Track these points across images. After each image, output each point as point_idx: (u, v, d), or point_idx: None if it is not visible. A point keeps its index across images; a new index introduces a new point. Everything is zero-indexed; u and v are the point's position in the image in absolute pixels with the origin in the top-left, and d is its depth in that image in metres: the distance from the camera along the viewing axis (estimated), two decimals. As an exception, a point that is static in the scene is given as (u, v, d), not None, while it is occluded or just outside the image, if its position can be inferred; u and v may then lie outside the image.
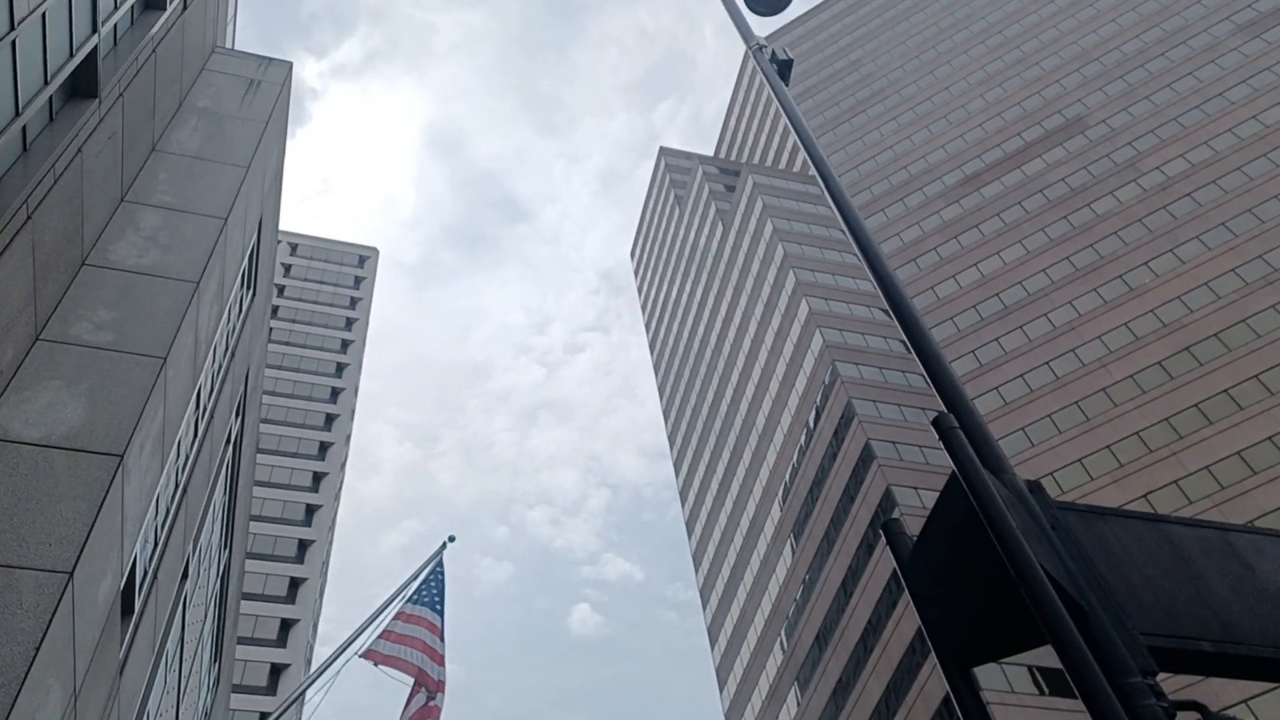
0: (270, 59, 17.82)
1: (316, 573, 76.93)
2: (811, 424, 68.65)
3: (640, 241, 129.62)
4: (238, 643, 68.44)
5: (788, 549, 70.00)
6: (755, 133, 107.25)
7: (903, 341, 69.44)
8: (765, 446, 76.20)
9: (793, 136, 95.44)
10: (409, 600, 13.42)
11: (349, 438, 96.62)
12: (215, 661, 20.88)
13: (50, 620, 8.07)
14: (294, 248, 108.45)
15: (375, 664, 12.79)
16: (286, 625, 74.08)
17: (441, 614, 13.14)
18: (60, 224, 10.70)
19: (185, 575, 15.10)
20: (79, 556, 8.61)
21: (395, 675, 12.00)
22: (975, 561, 4.94)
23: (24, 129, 10.03)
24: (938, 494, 5.44)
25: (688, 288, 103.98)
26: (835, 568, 62.51)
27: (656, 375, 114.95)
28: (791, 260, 76.13)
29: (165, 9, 13.91)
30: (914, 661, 53.02)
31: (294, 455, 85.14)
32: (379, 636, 13.01)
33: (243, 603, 71.14)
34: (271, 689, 69.64)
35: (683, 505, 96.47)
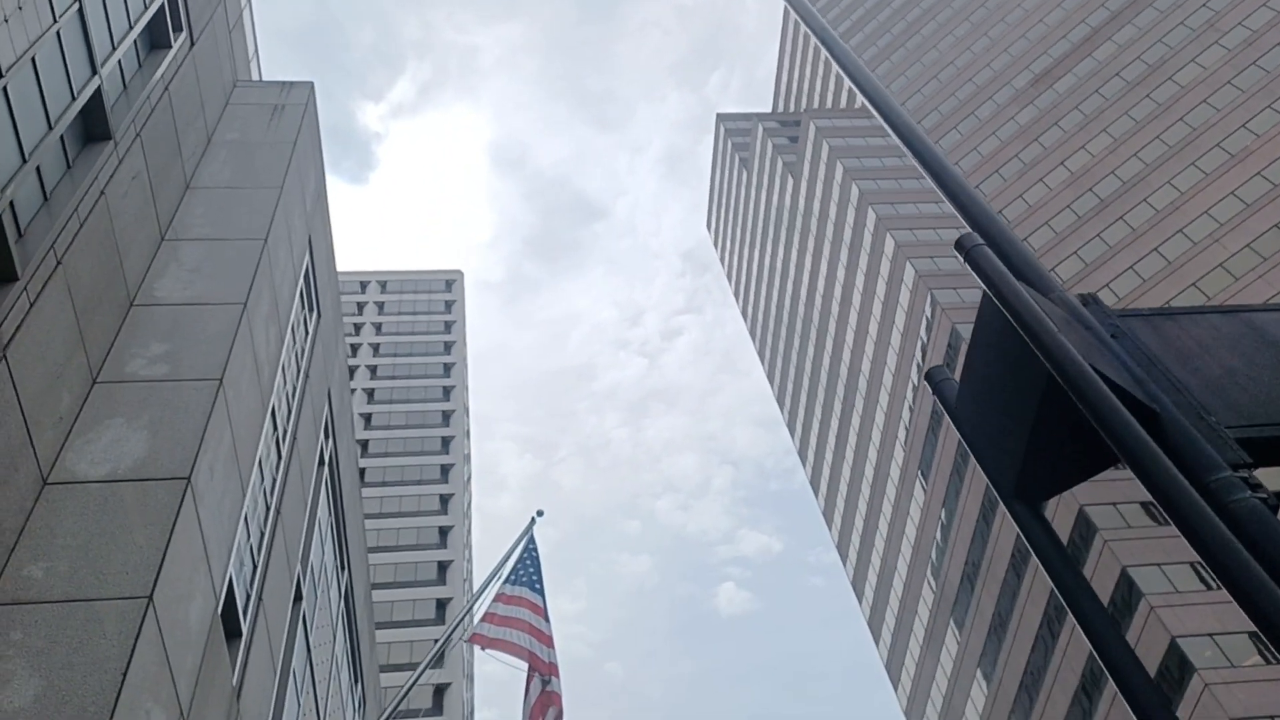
0: (292, 83, 17.88)
1: (459, 591, 78.46)
2: (919, 357, 66.92)
3: (714, 213, 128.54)
4: (396, 669, 70.28)
5: (918, 489, 68.44)
6: (810, 79, 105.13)
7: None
8: (875, 389, 74.67)
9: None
10: (506, 581, 13.24)
11: (468, 456, 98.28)
12: (357, 683, 21.19)
13: (134, 645, 8.06)
14: (383, 285, 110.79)
15: (483, 648, 12.64)
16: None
17: (542, 593, 12.94)
18: (95, 267, 10.78)
19: (299, 597, 15.24)
20: (156, 580, 8.60)
21: (505, 659, 11.83)
22: (1026, 385, 4.37)
23: (40, 176, 10.10)
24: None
25: (769, 249, 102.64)
26: (970, 499, 60.81)
27: (755, 344, 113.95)
28: (868, 198, 74.30)
29: (171, 47, 13.98)
30: (1068, 579, 51.19)
31: (418, 483, 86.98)
32: (482, 619, 12.87)
33: (396, 630, 73.11)
34: (437, 708, 71.48)
35: (804, 465, 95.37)
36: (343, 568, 19.66)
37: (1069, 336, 4.20)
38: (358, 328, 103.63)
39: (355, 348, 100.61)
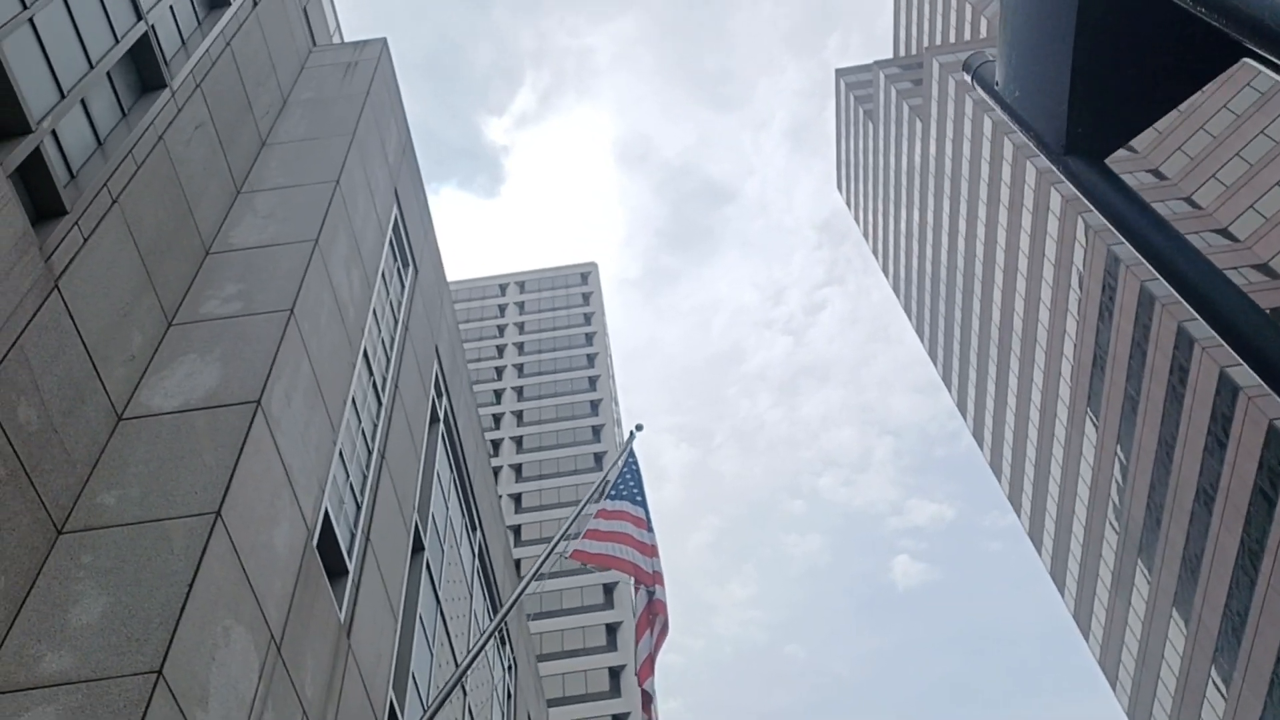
0: (365, 41, 17.78)
1: (626, 577, 78.89)
2: (1076, 287, 63.21)
3: (844, 175, 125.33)
4: (561, 656, 71.15)
5: (1088, 427, 64.69)
6: (929, 17, 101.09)
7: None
8: (1032, 328, 71.01)
9: (968, 2, 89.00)
10: (606, 496, 12.67)
11: (620, 444, 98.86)
12: (504, 644, 21.05)
13: (200, 558, 7.78)
14: (521, 286, 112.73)
15: (584, 564, 12.07)
16: (612, 629, 76.35)
17: (644, 505, 12.32)
18: (159, 210, 10.69)
19: (420, 547, 15.05)
20: (224, 497, 8.33)
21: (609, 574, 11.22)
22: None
23: (91, 121, 10.05)
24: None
25: (904, 202, 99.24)
26: (1146, 431, 57.00)
27: (902, 302, 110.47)
28: (1003, 128, 70.67)
29: (230, 5, 13.94)
30: (1264, 504, 47.22)
31: (574, 473, 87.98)
32: (584, 536, 12.33)
33: (559, 618, 74.00)
34: (614, 691, 72.00)
35: (965, 418, 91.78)
36: (474, 528, 19.50)
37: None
38: (501, 329, 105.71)
39: (501, 349, 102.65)
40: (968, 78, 4.19)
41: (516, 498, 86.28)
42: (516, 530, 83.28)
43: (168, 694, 6.99)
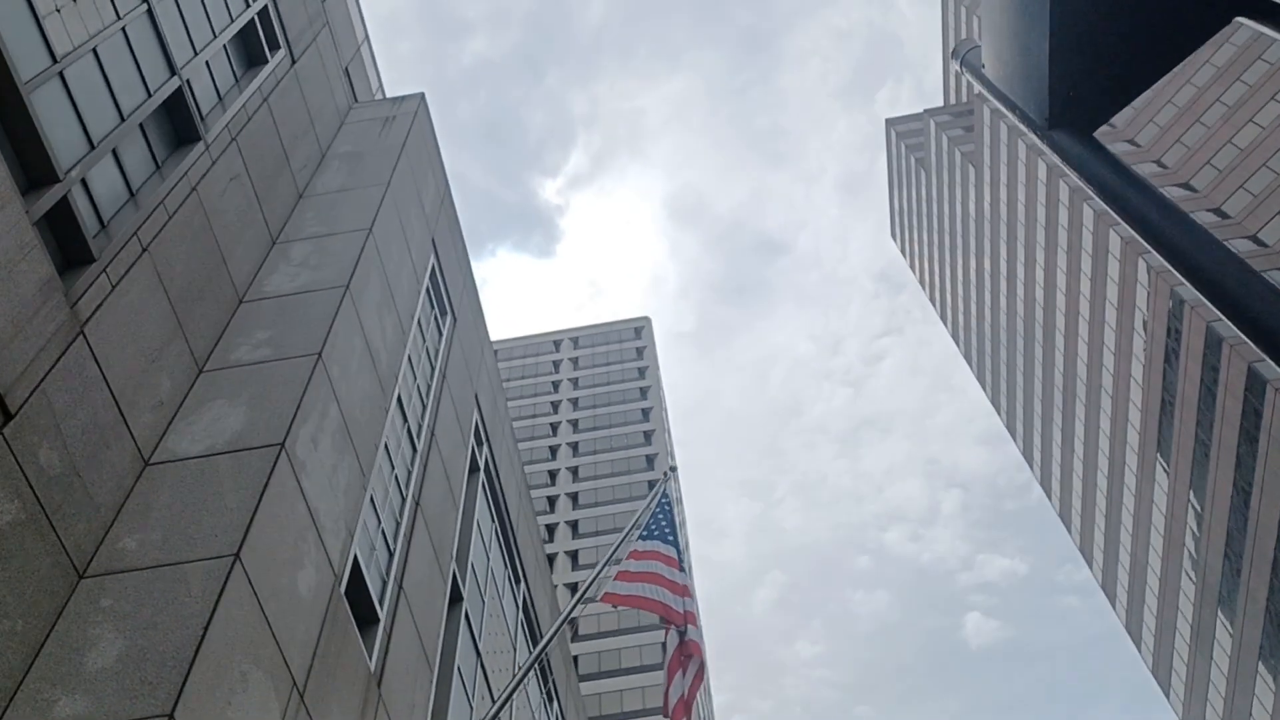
0: (403, 96, 18.06)
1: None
2: (1140, 330, 61.73)
3: (898, 225, 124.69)
4: (627, 717, 69.98)
5: (1159, 472, 62.69)
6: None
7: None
8: (1096, 372, 69.39)
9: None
10: (639, 537, 12.37)
11: (678, 499, 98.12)
12: (551, 700, 20.67)
13: (217, 600, 7.68)
14: (575, 341, 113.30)
15: (614, 606, 11.77)
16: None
17: (675, 544, 12.02)
18: (191, 259, 10.82)
19: (459, 596, 14.86)
20: (244, 539, 8.25)
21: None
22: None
23: (124, 173, 10.23)
24: None
25: (959, 247, 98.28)
26: (1220, 473, 55.06)
27: (965, 355, 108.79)
28: (1058, 171, 69.83)
29: (268, 62, 14.24)
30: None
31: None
32: (614, 579, 12.03)
33: (621, 678, 73.00)
34: None
35: (1031, 467, 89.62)
36: (518, 580, 19.27)
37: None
38: (555, 385, 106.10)
39: (555, 405, 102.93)
40: (956, 65, 4.01)
41: (573, 554, 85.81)
42: (572, 587, 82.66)
43: (178, 738, 6.85)
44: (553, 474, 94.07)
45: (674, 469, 13.49)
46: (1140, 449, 64.84)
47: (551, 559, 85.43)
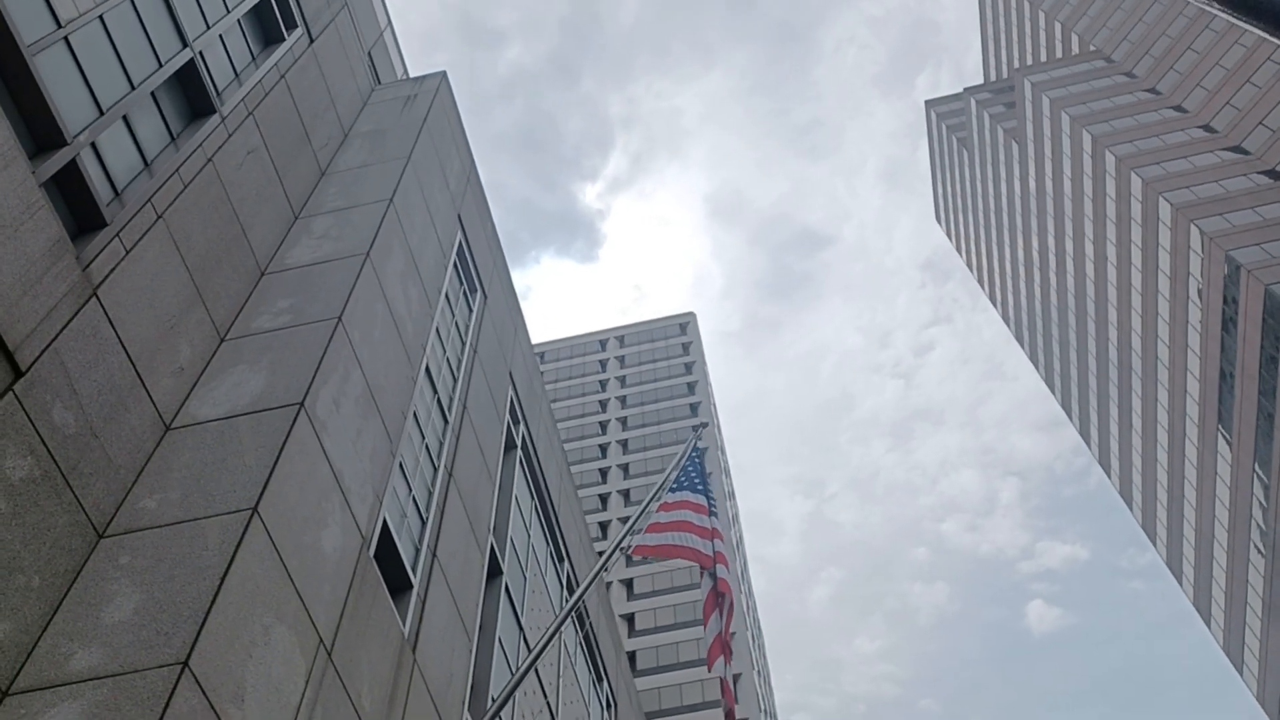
0: (424, 76, 17.98)
1: (742, 624, 77.19)
2: (1195, 297, 60.17)
3: (943, 208, 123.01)
4: (675, 713, 69.66)
5: (1221, 444, 61.05)
6: (1017, 39, 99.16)
7: None
8: (1151, 344, 67.77)
9: (1057, 21, 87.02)
10: (669, 490, 12.13)
11: (730, 493, 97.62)
12: (600, 680, 20.47)
13: (234, 552, 7.55)
14: (621, 340, 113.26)
15: (644, 558, 11.56)
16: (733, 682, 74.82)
17: (705, 492, 11.77)
18: (209, 229, 10.76)
19: (498, 570, 14.71)
20: (262, 494, 8.12)
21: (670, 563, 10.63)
22: None
23: (137, 144, 10.19)
24: None
25: (1005, 225, 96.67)
26: (1286, 442, 53.46)
27: (1017, 336, 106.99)
28: (1103, 141, 68.36)
29: (284, 40, 14.21)
30: None
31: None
32: (646, 531, 11.79)
33: (668, 674, 72.70)
34: None
35: (1089, 445, 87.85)
36: (561, 558, 19.09)
37: None
38: (603, 384, 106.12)
39: (604, 403, 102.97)
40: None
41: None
42: (629, 583, 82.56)
43: (195, 687, 6.72)
44: (603, 472, 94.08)
45: (704, 425, 13.22)
46: (1201, 421, 63.22)
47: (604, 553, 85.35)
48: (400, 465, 11.55)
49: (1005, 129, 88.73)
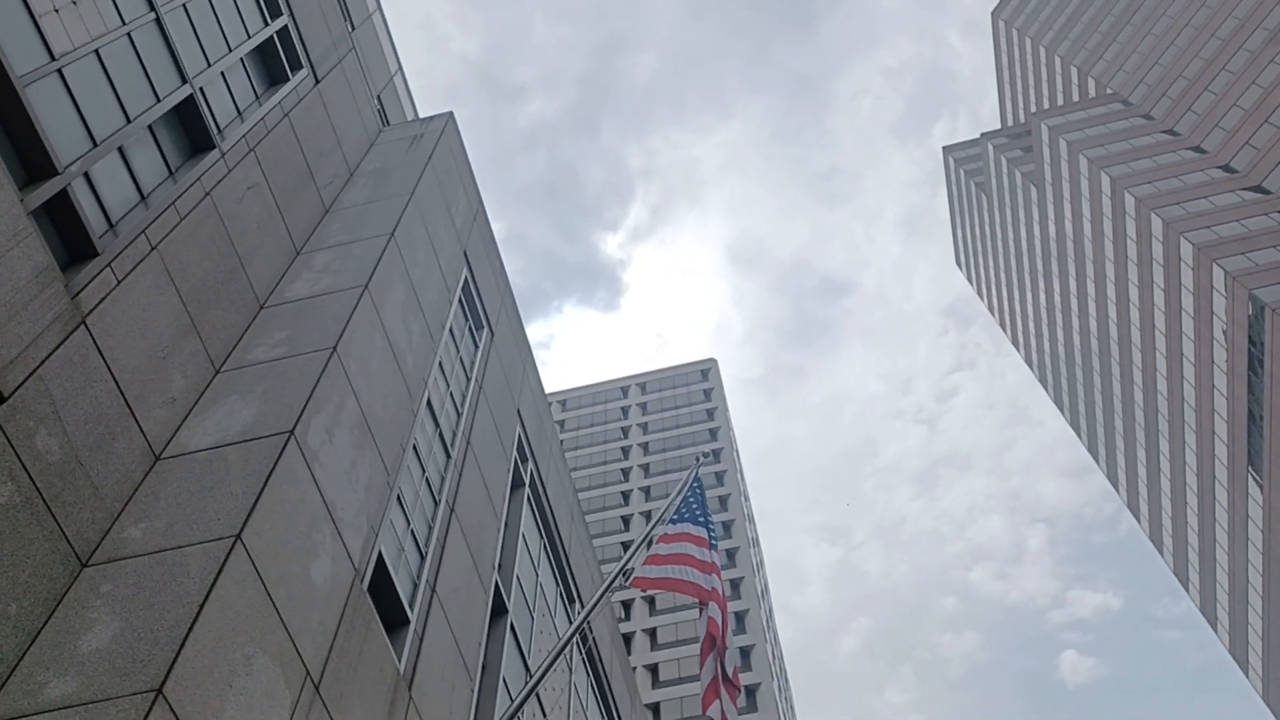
0: (431, 116, 18.10)
1: (766, 672, 75.97)
2: (1219, 337, 59.45)
3: (963, 253, 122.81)
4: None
5: (1251, 486, 59.93)
6: (1033, 84, 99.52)
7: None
8: (1177, 385, 66.91)
9: (1073, 65, 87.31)
10: (670, 522, 11.88)
11: (754, 540, 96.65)
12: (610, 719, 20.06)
13: (215, 579, 7.40)
14: (643, 387, 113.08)
15: (643, 591, 11.27)
16: (750, 692, 73.63)
17: (706, 524, 11.52)
18: (205, 262, 10.75)
19: (503, 609, 14.46)
20: (246, 521, 7.99)
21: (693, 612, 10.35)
22: None
23: (133, 175, 10.23)
24: None
25: (1027, 271, 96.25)
26: (1319, 483, 52.39)
27: (1040, 380, 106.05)
28: (1122, 182, 68.15)
29: (289, 80, 14.34)
30: None
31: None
32: (645, 563, 11.53)
33: (703, 720, 71.40)
34: (750, 706, 69.91)
35: (1117, 490, 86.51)
36: (571, 599, 18.80)
37: None
38: (625, 431, 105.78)
39: (626, 450, 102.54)
40: None
41: (650, 598, 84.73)
42: (652, 632, 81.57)
43: (170, 715, 6.54)
44: (626, 519, 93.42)
45: (706, 455, 13.02)
46: (1230, 463, 62.15)
47: (628, 602, 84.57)
48: (399, 498, 11.40)
49: (1023, 173, 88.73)
